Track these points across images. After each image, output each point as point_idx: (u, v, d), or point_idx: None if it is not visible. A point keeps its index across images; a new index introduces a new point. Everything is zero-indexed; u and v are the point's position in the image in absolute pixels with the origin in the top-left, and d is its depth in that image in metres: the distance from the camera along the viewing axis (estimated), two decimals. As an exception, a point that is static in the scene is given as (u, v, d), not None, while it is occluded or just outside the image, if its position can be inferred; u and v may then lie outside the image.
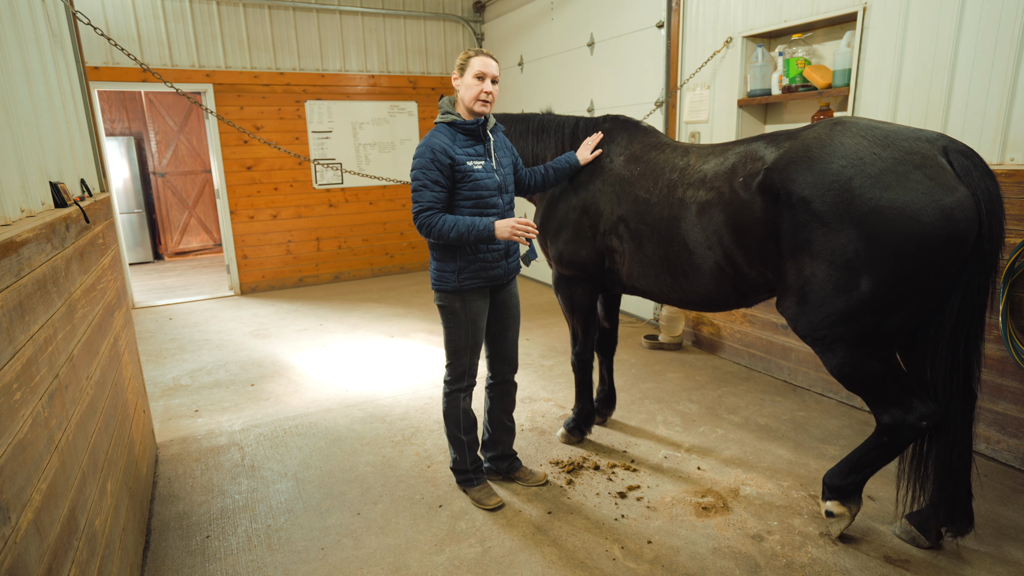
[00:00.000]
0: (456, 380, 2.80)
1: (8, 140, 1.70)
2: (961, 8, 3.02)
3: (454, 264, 2.62)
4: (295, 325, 5.96)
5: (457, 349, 2.74)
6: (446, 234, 2.49)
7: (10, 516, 1.20)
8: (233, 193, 7.12)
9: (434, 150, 2.51)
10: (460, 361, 2.76)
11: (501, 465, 3.05)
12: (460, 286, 2.64)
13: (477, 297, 2.69)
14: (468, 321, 2.69)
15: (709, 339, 4.88)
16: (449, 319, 2.71)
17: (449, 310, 2.69)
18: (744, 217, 2.39)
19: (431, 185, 2.51)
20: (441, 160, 2.51)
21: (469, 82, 2.57)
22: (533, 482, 3.01)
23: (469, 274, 2.64)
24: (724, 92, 4.46)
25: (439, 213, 2.52)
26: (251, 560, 2.53)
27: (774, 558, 2.45)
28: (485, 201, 2.62)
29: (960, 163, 2.07)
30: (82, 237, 2.22)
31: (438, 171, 2.51)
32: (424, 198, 2.51)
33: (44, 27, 2.42)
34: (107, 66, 6.22)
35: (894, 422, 2.29)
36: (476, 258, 2.63)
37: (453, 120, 2.61)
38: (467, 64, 2.58)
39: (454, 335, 2.72)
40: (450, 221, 2.49)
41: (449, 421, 2.86)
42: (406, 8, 7.64)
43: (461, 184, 2.57)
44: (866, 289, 2.11)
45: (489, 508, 2.83)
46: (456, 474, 2.97)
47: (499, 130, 2.82)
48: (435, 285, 2.71)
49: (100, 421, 2.09)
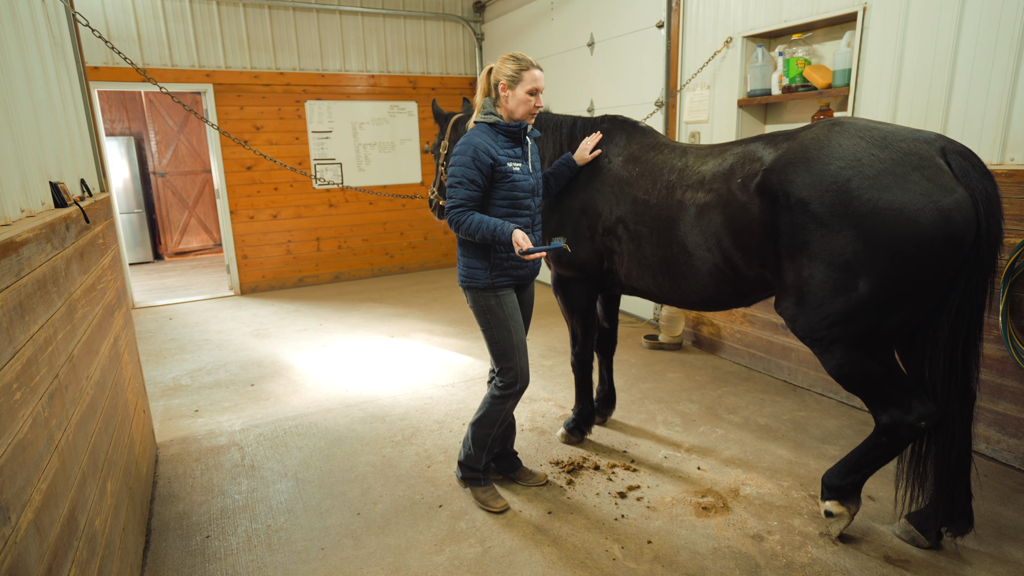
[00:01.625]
0: (511, 384, 2.71)
1: (8, 140, 1.70)
2: (961, 8, 3.02)
3: (486, 261, 2.62)
4: (295, 325, 5.96)
5: (504, 350, 2.68)
6: (473, 233, 2.50)
7: (10, 516, 1.20)
8: (233, 193, 7.13)
9: (477, 149, 2.50)
10: (512, 363, 2.69)
11: (502, 464, 3.04)
12: (493, 282, 2.63)
13: (508, 293, 2.68)
14: (507, 317, 2.66)
15: (709, 339, 4.88)
16: (487, 319, 2.67)
17: (485, 309, 2.66)
18: (742, 218, 2.39)
19: (467, 183, 2.51)
20: (482, 159, 2.50)
21: (522, 97, 2.56)
22: (533, 482, 3.00)
23: (501, 272, 2.63)
24: (724, 92, 4.46)
25: (469, 211, 2.53)
26: (251, 560, 2.53)
27: (774, 558, 2.45)
28: (520, 202, 2.63)
29: (958, 164, 2.07)
30: (82, 237, 2.23)
31: (477, 170, 2.50)
32: (459, 194, 2.52)
33: (44, 28, 2.42)
34: (107, 66, 6.22)
35: (893, 422, 2.29)
36: (509, 256, 2.62)
37: (495, 121, 2.59)
38: (520, 78, 2.54)
39: (496, 335, 2.68)
40: (476, 220, 2.49)
41: (486, 422, 2.78)
42: (406, 8, 7.64)
43: (499, 184, 2.57)
44: (864, 290, 2.11)
45: (495, 511, 2.80)
46: (464, 470, 2.92)
47: (534, 135, 2.80)
48: (465, 283, 2.68)
49: (100, 421, 2.09)
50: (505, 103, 2.58)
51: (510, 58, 2.57)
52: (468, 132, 2.61)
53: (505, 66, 2.55)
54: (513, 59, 2.55)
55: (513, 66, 2.53)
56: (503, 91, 2.57)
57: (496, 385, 2.76)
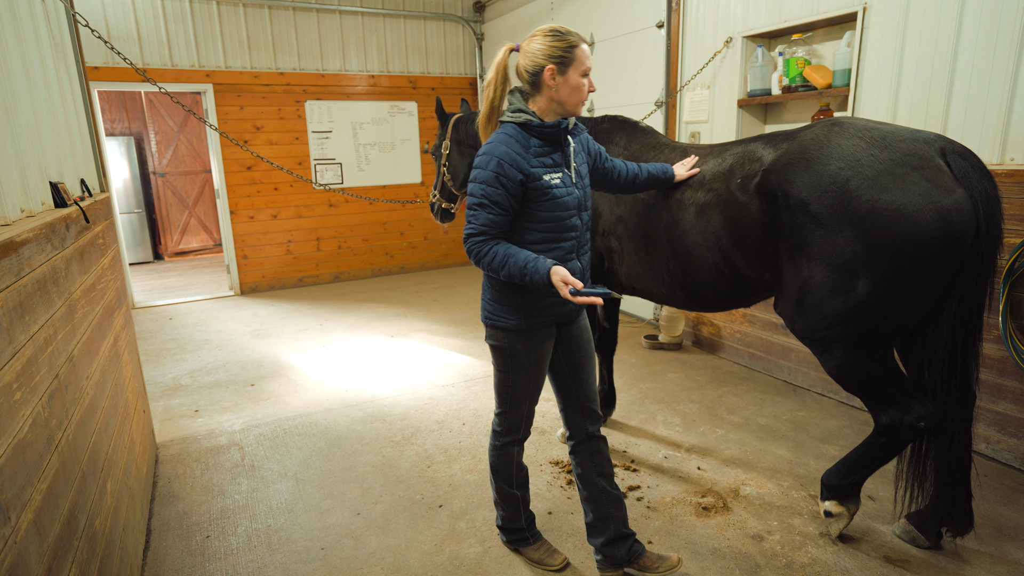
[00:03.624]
0: (509, 432, 2.31)
1: (8, 140, 1.70)
2: (961, 8, 3.02)
3: (518, 300, 2.09)
4: (295, 325, 5.96)
5: (513, 397, 2.24)
6: (496, 269, 1.98)
7: (10, 516, 1.20)
8: (233, 193, 7.13)
9: (502, 161, 1.94)
10: (516, 411, 2.27)
11: (618, 552, 2.28)
12: (527, 325, 2.11)
13: (545, 337, 2.17)
14: (531, 366, 2.18)
15: (709, 339, 4.88)
16: (506, 362, 2.19)
17: (507, 353, 2.17)
18: (742, 219, 2.39)
19: (490, 205, 1.96)
20: (509, 175, 1.94)
21: (576, 82, 1.99)
22: (666, 567, 2.30)
23: (538, 311, 2.11)
24: (724, 92, 4.46)
25: (492, 240, 1.99)
26: (251, 560, 2.53)
27: (774, 558, 2.45)
28: (563, 223, 2.07)
29: (958, 164, 2.07)
30: (82, 237, 2.23)
31: (503, 189, 1.95)
32: (478, 219, 1.99)
33: (44, 28, 2.42)
34: (107, 66, 6.22)
35: (892, 423, 2.29)
36: (549, 293, 2.09)
37: (527, 121, 2.01)
38: (572, 57, 1.97)
39: (511, 381, 2.22)
40: (501, 254, 1.96)
41: (500, 477, 2.38)
42: (406, 8, 7.64)
43: (536, 203, 2.01)
44: (863, 291, 2.11)
45: (555, 569, 2.40)
46: (506, 534, 2.50)
47: (580, 131, 2.24)
48: (489, 320, 2.18)
49: (100, 421, 2.09)
50: (553, 93, 2.00)
51: (550, 33, 1.99)
52: (492, 137, 2.04)
53: (546, 45, 1.97)
54: (555, 34, 1.98)
55: (559, 43, 1.97)
56: (550, 79, 1.97)
57: (494, 431, 2.36)
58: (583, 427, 2.29)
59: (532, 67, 1.99)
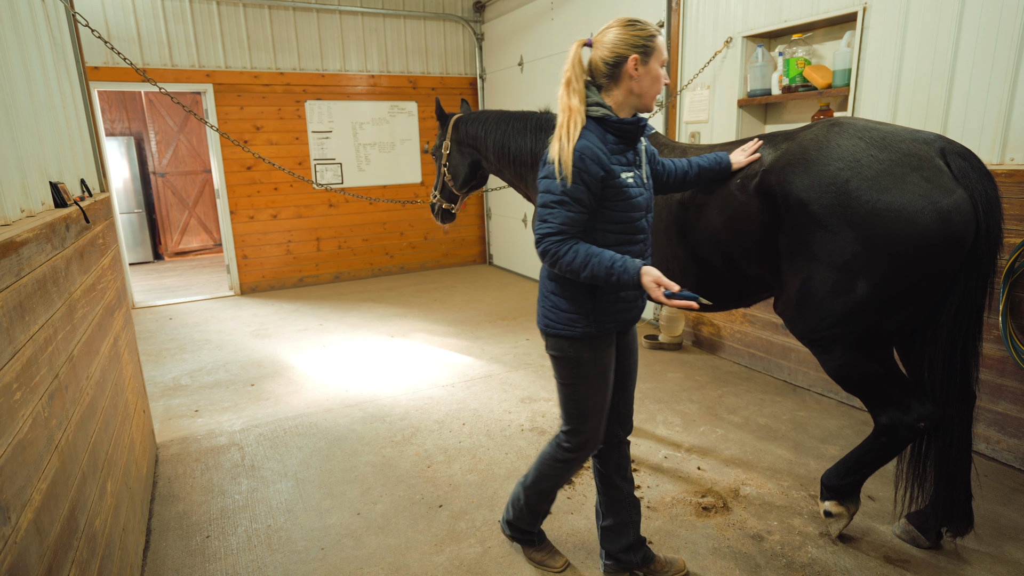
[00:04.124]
0: (580, 448, 2.16)
1: (8, 140, 1.70)
2: (961, 8, 3.02)
3: (589, 304, 1.99)
4: (295, 325, 5.96)
5: (583, 411, 2.10)
6: (576, 270, 1.86)
7: (10, 516, 1.20)
8: (233, 193, 7.13)
9: (584, 156, 1.84)
10: (586, 426, 2.12)
11: (634, 557, 2.30)
12: (597, 331, 2.01)
13: (610, 343, 2.08)
14: (599, 374, 2.07)
15: (709, 339, 4.88)
16: (573, 374, 2.07)
17: (574, 363, 2.05)
18: (741, 219, 2.39)
19: (570, 203, 1.85)
20: (591, 171, 1.84)
21: (657, 72, 1.90)
22: (675, 572, 2.34)
23: (608, 316, 2.01)
24: (724, 92, 4.46)
25: (571, 240, 1.88)
26: (251, 560, 2.53)
27: (774, 558, 2.45)
28: (635, 225, 1.98)
29: (958, 164, 2.07)
30: (82, 237, 2.23)
31: (584, 185, 1.84)
32: (556, 218, 1.86)
33: (44, 28, 2.42)
34: (107, 66, 6.22)
35: (892, 423, 2.29)
36: (618, 297, 2.01)
37: (605, 115, 1.91)
38: (653, 45, 1.87)
39: (580, 393, 2.08)
40: (583, 254, 1.84)
41: (547, 483, 2.25)
42: (406, 8, 7.64)
43: (611, 204, 1.92)
44: (863, 291, 2.11)
45: (556, 570, 2.39)
46: (515, 532, 2.43)
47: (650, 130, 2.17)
48: (552, 329, 2.05)
49: (100, 421, 2.09)
50: (633, 85, 1.90)
51: (629, 24, 1.88)
52: None
53: (628, 34, 1.86)
54: (635, 24, 1.88)
55: (640, 32, 1.86)
56: (633, 68, 1.87)
57: (561, 446, 2.19)
58: (616, 433, 2.25)
59: (612, 57, 1.88)
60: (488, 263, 8.80)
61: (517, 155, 3.33)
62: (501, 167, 3.46)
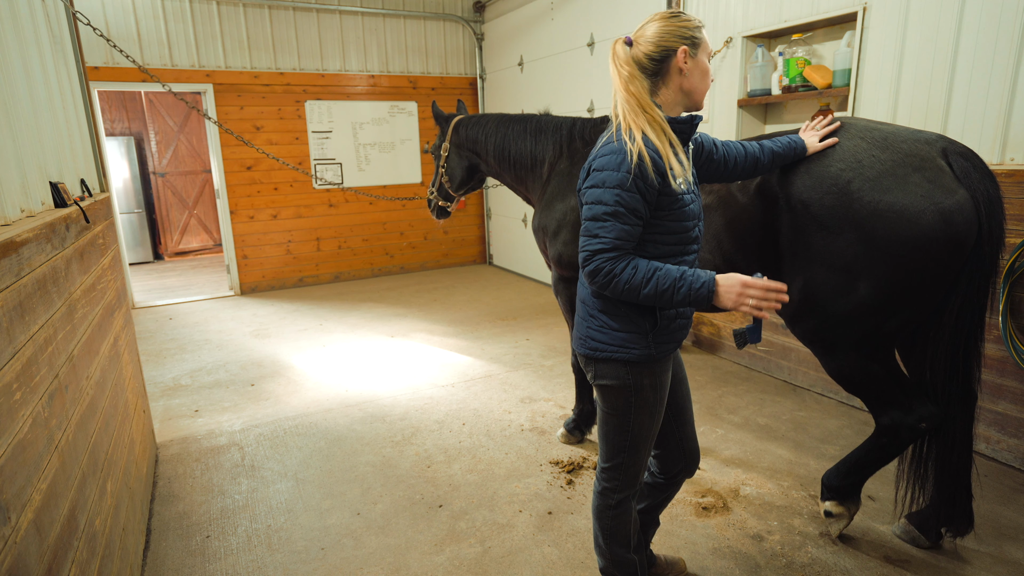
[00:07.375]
0: (627, 485, 1.90)
1: (8, 140, 1.70)
2: (961, 8, 3.02)
3: (647, 323, 1.73)
4: (295, 325, 5.96)
5: (635, 443, 1.84)
6: (636, 288, 1.61)
7: (10, 516, 1.20)
8: (233, 193, 7.13)
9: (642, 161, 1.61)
10: (635, 459, 1.86)
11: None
12: (657, 352, 1.76)
13: (668, 366, 1.84)
14: (657, 401, 1.82)
15: (709, 339, 4.88)
16: (628, 403, 1.79)
17: (631, 390, 1.77)
18: (743, 220, 2.39)
19: (625, 214, 1.61)
20: (647, 178, 1.61)
21: (706, 65, 1.72)
22: (675, 572, 2.36)
23: (668, 335, 1.77)
24: (724, 92, 4.46)
25: (626, 256, 1.63)
26: (251, 560, 2.53)
27: (774, 558, 2.45)
28: (688, 235, 1.75)
29: (959, 165, 2.07)
30: (82, 237, 2.22)
31: (639, 194, 1.61)
32: (610, 232, 1.62)
33: (44, 27, 2.42)
34: (107, 66, 6.22)
35: (893, 424, 2.29)
36: (678, 312, 1.78)
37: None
38: (700, 37, 1.70)
39: (632, 424, 1.81)
40: (643, 270, 1.61)
41: (614, 540, 1.96)
42: (406, 8, 7.64)
43: (665, 212, 1.68)
44: (865, 292, 2.11)
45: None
46: None
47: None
48: (602, 353, 1.78)
49: (100, 421, 2.09)
50: (683, 80, 1.71)
51: (672, 16, 1.69)
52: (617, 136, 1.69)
53: (674, 26, 1.68)
54: (678, 15, 1.70)
55: (686, 23, 1.68)
56: (682, 62, 1.68)
57: (604, 488, 1.93)
58: (676, 468, 2.06)
59: (659, 52, 1.67)
60: (488, 263, 8.79)
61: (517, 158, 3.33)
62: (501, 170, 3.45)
